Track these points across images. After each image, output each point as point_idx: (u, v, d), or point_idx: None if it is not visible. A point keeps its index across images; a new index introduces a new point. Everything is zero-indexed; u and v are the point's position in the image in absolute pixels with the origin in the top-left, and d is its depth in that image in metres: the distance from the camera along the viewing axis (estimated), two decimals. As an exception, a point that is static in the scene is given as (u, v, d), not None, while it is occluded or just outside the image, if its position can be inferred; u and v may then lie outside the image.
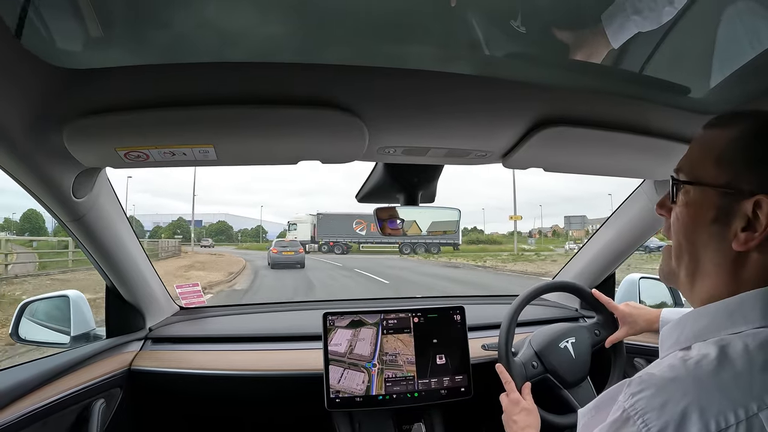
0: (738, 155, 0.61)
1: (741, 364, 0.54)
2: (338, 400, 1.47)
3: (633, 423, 0.53)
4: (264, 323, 1.92)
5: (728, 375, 0.54)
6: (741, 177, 0.60)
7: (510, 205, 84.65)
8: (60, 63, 0.73)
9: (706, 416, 0.51)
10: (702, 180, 0.64)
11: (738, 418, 0.51)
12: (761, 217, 0.57)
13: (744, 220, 0.59)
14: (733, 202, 0.60)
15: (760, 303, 0.58)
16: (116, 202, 1.36)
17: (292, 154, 1.07)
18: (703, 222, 0.63)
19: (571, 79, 0.92)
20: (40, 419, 1.13)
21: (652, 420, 0.52)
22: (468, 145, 1.12)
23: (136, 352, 1.58)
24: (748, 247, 0.59)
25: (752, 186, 0.58)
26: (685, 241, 0.66)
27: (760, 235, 0.58)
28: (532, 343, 1.44)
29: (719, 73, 0.91)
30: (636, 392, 0.55)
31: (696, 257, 0.65)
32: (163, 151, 0.97)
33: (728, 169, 0.61)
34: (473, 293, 6.43)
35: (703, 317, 0.63)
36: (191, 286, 1.97)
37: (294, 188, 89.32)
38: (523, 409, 1.24)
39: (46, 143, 0.92)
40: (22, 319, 1.54)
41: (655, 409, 0.53)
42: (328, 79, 0.83)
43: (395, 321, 1.57)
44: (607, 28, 0.81)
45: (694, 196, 0.64)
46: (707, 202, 0.63)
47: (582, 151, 1.17)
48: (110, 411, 1.42)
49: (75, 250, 15.65)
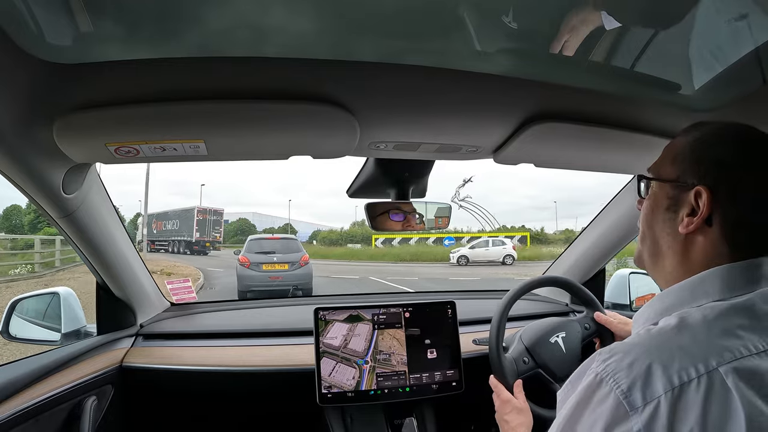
0: (687, 155, 0.72)
1: (699, 329, 0.62)
2: (330, 395, 1.47)
3: (606, 383, 0.60)
4: (255, 319, 1.92)
5: (687, 338, 0.61)
6: (687, 172, 0.70)
7: (549, 205, 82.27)
8: (49, 58, 0.73)
9: (669, 371, 0.57)
10: (660, 176, 0.75)
11: (698, 372, 0.57)
12: (700, 204, 0.67)
13: (689, 207, 0.69)
14: (681, 193, 0.71)
15: (718, 279, 0.67)
16: (106, 198, 1.36)
17: (283, 149, 1.07)
18: (659, 211, 0.74)
19: (562, 75, 0.92)
20: (32, 417, 1.13)
21: (621, 378, 0.59)
22: (459, 141, 1.12)
23: (128, 348, 1.58)
24: (689, 230, 0.69)
25: (695, 179, 0.69)
26: (647, 227, 0.77)
27: (698, 219, 0.68)
28: (522, 338, 1.45)
29: (708, 71, 0.93)
30: (606, 358, 0.62)
31: (655, 241, 0.76)
32: (154, 147, 0.97)
33: (680, 166, 0.72)
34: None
35: (668, 296, 0.72)
36: (182, 281, 1.96)
37: (326, 188, 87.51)
38: (514, 408, 1.24)
39: (36, 139, 0.91)
40: (12, 317, 1.53)
41: (623, 369, 0.59)
42: (319, 75, 0.84)
43: (386, 316, 1.58)
44: (598, 24, 0.82)
45: (655, 190, 0.76)
46: (663, 194, 0.74)
47: (573, 147, 1.18)
48: (102, 408, 1.41)
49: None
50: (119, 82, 0.82)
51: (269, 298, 2.54)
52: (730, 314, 0.62)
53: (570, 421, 0.64)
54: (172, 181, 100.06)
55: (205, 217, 27.39)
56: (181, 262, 20.12)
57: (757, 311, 0.62)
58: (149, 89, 0.84)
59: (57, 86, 0.80)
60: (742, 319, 0.62)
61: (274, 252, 10.51)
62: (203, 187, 65.78)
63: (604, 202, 1.83)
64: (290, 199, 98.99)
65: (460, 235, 33.74)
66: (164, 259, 22.32)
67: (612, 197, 1.78)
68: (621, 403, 0.57)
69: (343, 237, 40.77)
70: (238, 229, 50.77)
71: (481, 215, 37.28)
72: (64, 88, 0.81)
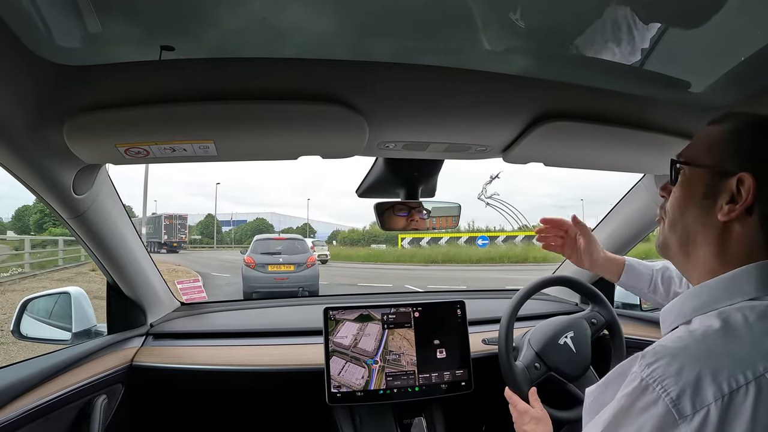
0: (725, 143, 0.70)
1: (743, 333, 0.60)
2: (339, 394, 1.48)
3: (652, 390, 0.58)
4: (265, 318, 1.92)
5: (733, 343, 0.60)
6: (727, 159, 0.69)
7: (569, 204, 79.92)
8: (60, 60, 0.74)
9: (719, 379, 0.56)
10: (695, 162, 0.73)
11: (747, 379, 0.56)
12: (743, 191, 0.66)
13: (728, 195, 0.67)
14: (720, 181, 0.68)
15: (754, 276, 0.65)
16: (117, 199, 1.37)
17: (292, 149, 1.07)
18: (695, 197, 0.72)
19: (571, 73, 0.91)
20: (43, 416, 1.13)
21: (670, 385, 0.57)
22: (468, 140, 1.12)
23: (138, 347, 1.59)
24: (730, 217, 0.67)
25: (735, 167, 0.67)
26: (679, 214, 0.74)
27: (740, 206, 0.66)
28: (531, 343, 1.44)
29: (719, 69, 0.91)
30: (652, 362, 0.60)
31: (687, 229, 0.73)
32: (164, 147, 0.97)
33: (717, 153, 0.70)
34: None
35: (701, 293, 0.69)
36: (192, 281, 1.97)
37: (345, 188, 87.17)
38: (533, 417, 1.22)
39: (47, 140, 0.92)
40: (23, 316, 1.55)
41: (671, 375, 0.57)
42: (328, 75, 0.83)
43: (395, 315, 1.58)
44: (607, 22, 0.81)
45: (689, 176, 0.74)
46: (699, 180, 0.72)
47: (582, 146, 1.17)
48: (112, 407, 1.42)
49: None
50: (129, 84, 0.82)
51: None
52: None
53: (611, 426, 0.62)
54: (192, 182, 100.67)
55: (171, 222, 32.80)
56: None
57: None
58: (159, 90, 0.84)
59: (67, 88, 0.80)
60: None
61: (280, 253, 10.27)
62: (218, 186, 64.97)
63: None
64: (309, 198, 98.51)
65: (494, 234, 32.40)
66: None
67: (621, 197, 1.77)
68: (670, 411, 0.56)
69: (366, 237, 39.60)
70: (256, 229, 49.51)
71: (510, 213, 35.82)
72: (74, 90, 0.82)
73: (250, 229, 50.42)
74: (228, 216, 62.34)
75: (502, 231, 33.63)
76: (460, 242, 31.35)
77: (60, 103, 0.84)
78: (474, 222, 39.80)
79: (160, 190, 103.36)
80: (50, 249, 17.86)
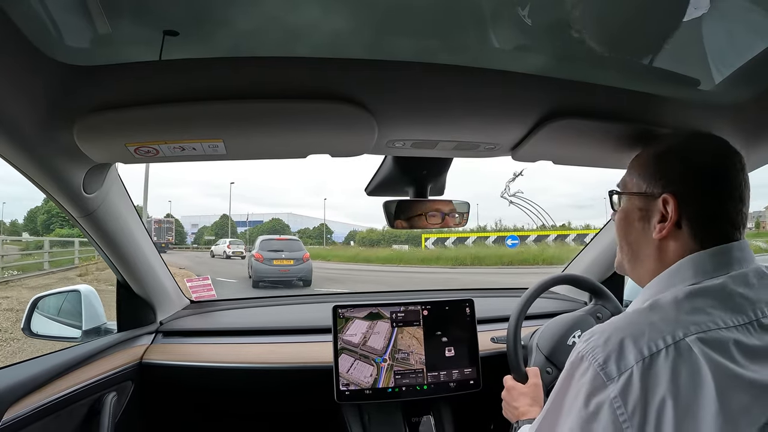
0: (650, 167, 0.80)
1: (668, 308, 0.69)
2: (348, 392, 1.48)
3: (585, 359, 0.67)
4: (274, 316, 1.93)
5: (657, 315, 0.68)
6: (652, 184, 0.79)
7: (587, 203, 78.28)
8: (70, 60, 0.74)
9: (640, 344, 0.64)
10: (630, 190, 0.83)
11: (666, 343, 0.63)
12: (669, 210, 0.75)
13: (659, 214, 0.77)
14: (650, 203, 0.79)
15: (691, 266, 0.73)
16: (126, 197, 1.37)
17: (301, 148, 1.07)
18: (633, 221, 0.82)
19: (580, 71, 0.91)
20: (53, 412, 1.14)
21: (598, 353, 0.66)
22: (477, 138, 1.11)
23: (147, 345, 1.60)
24: (662, 235, 0.76)
25: (659, 189, 0.77)
26: (623, 236, 0.85)
27: (669, 224, 0.75)
28: (540, 347, 1.42)
29: (729, 66, 0.91)
30: (587, 338, 0.69)
31: (631, 248, 0.84)
32: (173, 146, 0.97)
33: (644, 179, 0.80)
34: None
35: (650, 287, 0.78)
36: (201, 279, 1.98)
37: (361, 188, 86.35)
38: (521, 393, 1.23)
39: (57, 140, 0.92)
40: (34, 314, 1.56)
41: (599, 345, 0.66)
42: (339, 74, 0.83)
43: (404, 314, 1.58)
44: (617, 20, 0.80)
45: (625, 203, 0.85)
46: (633, 205, 0.82)
47: (591, 144, 1.16)
48: (121, 404, 1.43)
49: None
50: (138, 83, 0.82)
51: (277, 286, 2.54)
52: (701, 294, 0.69)
53: (559, 394, 0.72)
54: (210, 183, 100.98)
55: (160, 225, 35.29)
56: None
57: (729, 292, 0.69)
58: (168, 89, 0.84)
59: (77, 88, 0.81)
60: (713, 299, 0.68)
61: (282, 250, 13.40)
62: (236, 187, 65.15)
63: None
64: (325, 198, 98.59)
65: (525, 233, 30.74)
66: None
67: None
68: (599, 375, 0.64)
69: (386, 237, 38.40)
70: (272, 229, 49.60)
71: (534, 212, 34.37)
72: (84, 90, 0.82)
73: (266, 229, 50.15)
74: (243, 216, 61.92)
75: (532, 230, 31.90)
76: (488, 242, 30.32)
77: (70, 103, 0.84)
78: (501, 221, 39.03)
79: (175, 191, 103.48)
80: (35, 252, 17.46)
